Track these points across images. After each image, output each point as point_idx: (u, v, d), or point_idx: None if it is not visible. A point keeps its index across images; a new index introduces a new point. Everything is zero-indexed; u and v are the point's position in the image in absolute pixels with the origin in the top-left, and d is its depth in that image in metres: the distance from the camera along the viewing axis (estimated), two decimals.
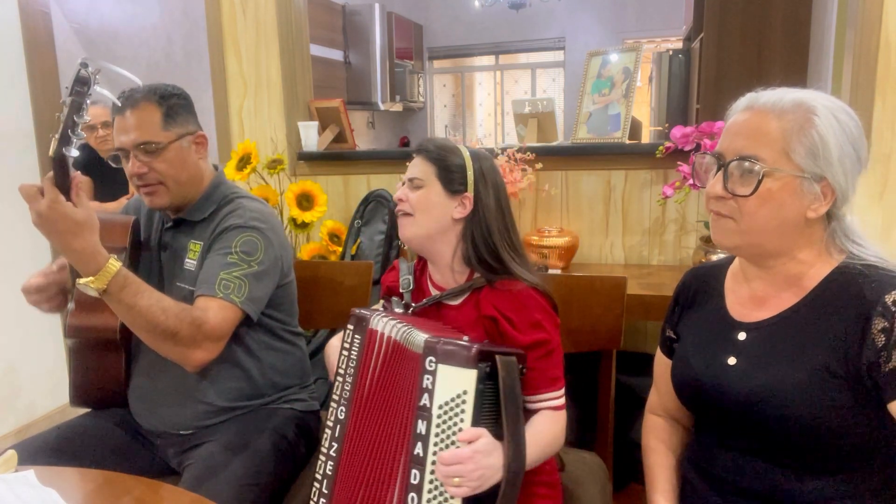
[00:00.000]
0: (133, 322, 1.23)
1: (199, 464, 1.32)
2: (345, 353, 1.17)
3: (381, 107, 6.20)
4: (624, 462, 1.75)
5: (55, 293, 1.42)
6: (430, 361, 1.01)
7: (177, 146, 1.40)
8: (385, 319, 1.13)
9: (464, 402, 0.99)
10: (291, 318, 1.56)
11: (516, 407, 1.02)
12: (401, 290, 1.28)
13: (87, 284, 1.17)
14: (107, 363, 1.46)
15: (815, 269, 0.98)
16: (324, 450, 1.14)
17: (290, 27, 2.58)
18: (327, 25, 5.61)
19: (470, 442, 0.98)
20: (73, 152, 1.11)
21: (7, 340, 2.73)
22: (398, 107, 6.67)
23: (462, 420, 0.99)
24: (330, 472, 1.12)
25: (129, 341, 1.45)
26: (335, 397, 1.15)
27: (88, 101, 1.12)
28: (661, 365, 1.20)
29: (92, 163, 3.09)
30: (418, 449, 1.00)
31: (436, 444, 1.00)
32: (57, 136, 1.10)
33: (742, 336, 1.02)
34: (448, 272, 1.22)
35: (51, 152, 1.10)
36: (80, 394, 1.49)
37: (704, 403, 1.06)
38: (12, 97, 2.69)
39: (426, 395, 1.01)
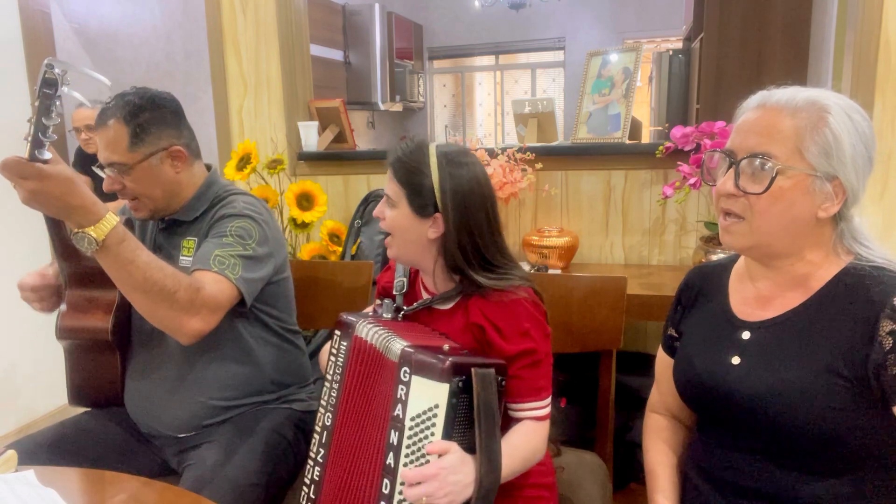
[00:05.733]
0: (129, 280, 1.17)
1: (198, 464, 1.32)
2: (332, 358, 1.17)
3: (381, 107, 6.20)
4: (624, 462, 1.75)
5: (48, 295, 1.42)
6: (405, 372, 1.01)
7: (144, 166, 1.38)
8: (370, 326, 1.13)
9: (435, 415, 0.98)
10: (289, 316, 1.56)
11: (491, 422, 1.00)
12: (394, 292, 1.28)
13: (86, 232, 1.10)
14: (102, 364, 1.45)
15: (823, 269, 0.98)
16: (312, 454, 1.15)
17: (290, 27, 2.58)
18: (327, 25, 5.61)
19: (439, 455, 0.96)
20: (46, 155, 1.07)
21: (7, 340, 2.73)
22: (398, 107, 6.66)
23: (433, 434, 0.98)
24: (317, 478, 1.13)
25: (123, 342, 1.45)
26: (323, 402, 1.16)
27: (58, 103, 1.08)
28: (663, 363, 1.20)
29: (90, 163, 3.09)
30: (390, 459, 1.00)
31: (406, 456, 0.99)
32: (29, 139, 1.07)
33: (746, 335, 1.02)
34: (436, 279, 1.22)
35: (25, 156, 1.06)
36: (77, 394, 1.49)
37: (707, 403, 1.05)
38: (12, 97, 2.69)
39: (400, 406, 1.01)
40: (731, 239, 0.99)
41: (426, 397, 0.99)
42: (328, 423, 1.14)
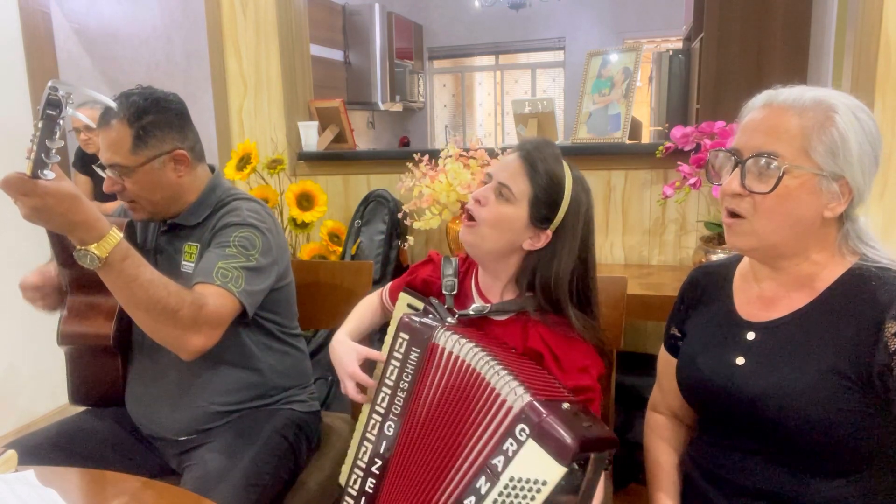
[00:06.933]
0: (132, 297, 1.16)
1: (199, 465, 1.32)
2: (394, 363, 1.08)
3: (381, 107, 6.20)
4: (624, 462, 1.74)
5: (51, 292, 1.42)
6: (522, 430, 0.92)
7: (146, 169, 1.36)
8: (450, 335, 1.05)
9: (539, 491, 0.91)
10: (290, 321, 1.56)
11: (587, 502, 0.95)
12: (443, 292, 1.20)
13: (89, 249, 1.09)
14: (104, 367, 1.45)
15: (828, 270, 0.97)
16: (360, 464, 1.08)
17: (290, 27, 2.58)
18: (327, 25, 5.62)
19: None
20: (49, 175, 1.05)
21: (7, 340, 2.73)
22: (398, 107, 6.67)
23: None
24: (370, 490, 1.06)
25: (125, 346, 1.44)
26: (379, 409, 1.08)
27: (61, 123, 1.06)
28: (665, 363, 1.19)
29: (90, 162, 3.10)
30: (469, 502, 0.95)
31: None
32: (31, 159, 1.05)
33: (751, 336, 1.01)
34: (499, 284, 1.16)
35: (28, 173, 1.05)
36: (78, 393, 1.48)
37: (711, 403, 1.05)
38: (12, 97, 2.69)
39: (502, 458, 0.93)
40: (735, 240, 0.98)
41: (537, 468, 0.91)
42: (388, 433, 1.06)
